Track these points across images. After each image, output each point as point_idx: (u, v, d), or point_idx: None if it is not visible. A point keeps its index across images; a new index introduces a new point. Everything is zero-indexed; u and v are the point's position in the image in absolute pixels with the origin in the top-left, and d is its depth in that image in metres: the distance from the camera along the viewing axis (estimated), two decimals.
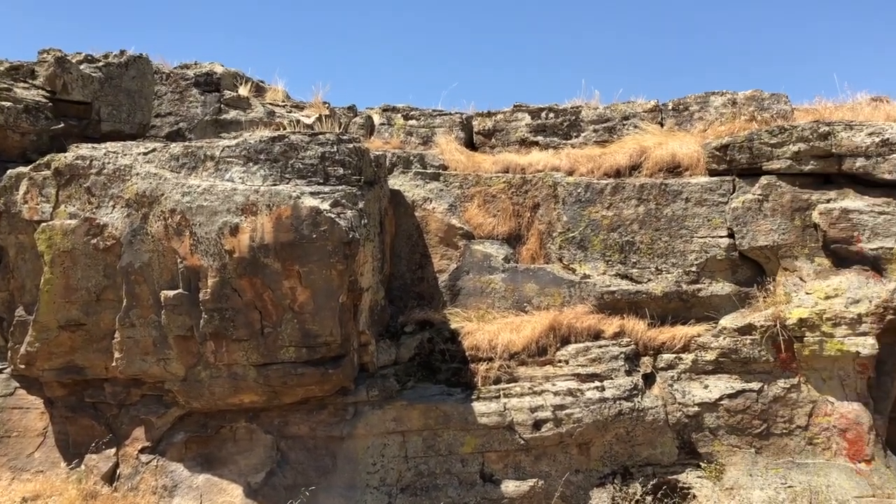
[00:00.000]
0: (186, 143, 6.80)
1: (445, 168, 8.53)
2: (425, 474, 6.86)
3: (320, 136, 6.68)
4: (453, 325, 7.58)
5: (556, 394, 6.99)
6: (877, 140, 7.12)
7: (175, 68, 9.60)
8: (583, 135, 8.77)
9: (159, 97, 9.20)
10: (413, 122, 9.31)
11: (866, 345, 6.82)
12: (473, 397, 7.01)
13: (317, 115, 9.05)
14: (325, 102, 9.80)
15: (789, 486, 6.82)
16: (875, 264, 7.05)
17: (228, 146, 6.55)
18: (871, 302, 6.89)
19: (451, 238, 8.07)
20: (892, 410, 7.25)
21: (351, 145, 6.75)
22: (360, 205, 6.43)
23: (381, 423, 6.86)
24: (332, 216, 6.06)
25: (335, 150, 6.59)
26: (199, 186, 6.31)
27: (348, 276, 6.30)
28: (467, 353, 7.34)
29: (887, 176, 7.07)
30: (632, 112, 8.70)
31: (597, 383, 7.07)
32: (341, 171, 6.54)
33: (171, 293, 6.36)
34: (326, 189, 6.32)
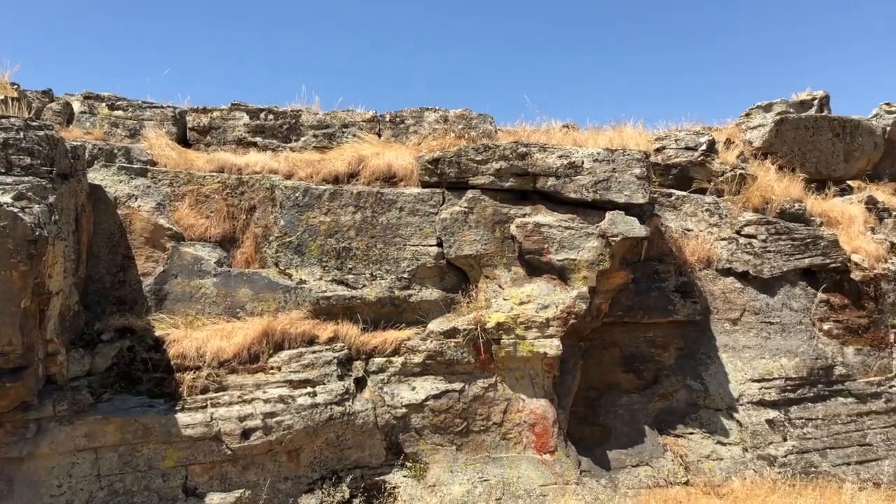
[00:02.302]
0: None
1: (154, 164, 8.85)
2: (121, 493, 7.11)
3: (3, 121, 6.69)
4: (158, 333, 7.90)
5: (266, 401, 7.68)
6: (565, 162, 8.88)
7: None
8: (303, 139, 9.67)
9: None
10: (120, 112, 9.46)
11: (553, 346, 8.43)
12: (178, 408, 7.42)
13: (1, 98, 8.83)
14: (13, 84, 9.52)
15: (485, 480, 8.20)
16: (561, 273, 8.76)
17: None
18: (557, 307, 8.55)
19: (158, 239, 8.42)
20: (572, 405, 9.07)
21: (42, 133, 6.84)
22: (51, 199, 6.56)
23: (69, 440, 6.95)
24: (15, 210, 6.04)
25: (21, 136, 6.65)
26: None
27: (33, 279, 6.26)
28: (173, 362, 7.71)
29: (573, 195, 8.84)
30: (351, 121, 9.80)
31: (309, 389, 7.88)
32: (28, 160, 6.63)
33: None
34: (9, 180, 6.36)
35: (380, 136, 9.99)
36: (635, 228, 8.62)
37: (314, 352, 8.13)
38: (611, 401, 9.39)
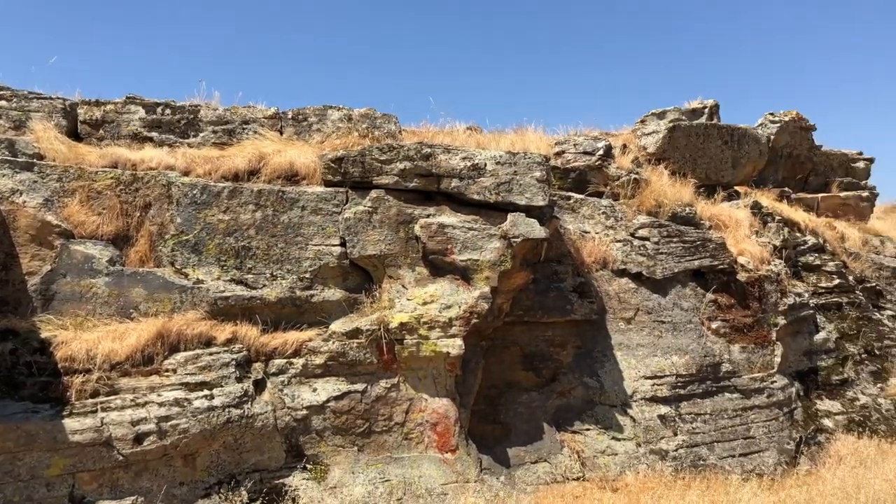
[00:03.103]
0: None
1: (42, 158, 8.42)
2: None
3: None
4: (44, 335, 7.53)
5: (161, 405, 7.44)
6: (469, 164, 8.97)
7: None
8: (201, 135, 9.41)
9: None
10: (3, 102, 8.93)
11: (455, 346, 8.50)
12: (65, 413, 7.10)
13: None
14: None
15: (387, 480, 8.20)
16: (464, 274, 8.85)
17: None
18: (460, 307, 8.62)
19: (45, 237, 8.02)
20: (474, 403, 9.19)
21: None
22: None
23: None
24: None
25: None
26: None
27: None
28: (60, 366, 7.36)
29: (476, 196, 8.95)
30: (252, 117, 9.61)
31: (206, 392, 7.69)
32: None
33: None
34: None
35: (282, 133, 9.83)
36: (536, 230, 8.80)
37: (211, 353, 7.94)
38: (511, 399, 9.56)
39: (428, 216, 8.84)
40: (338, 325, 8.47)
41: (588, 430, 9.53)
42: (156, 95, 9.63)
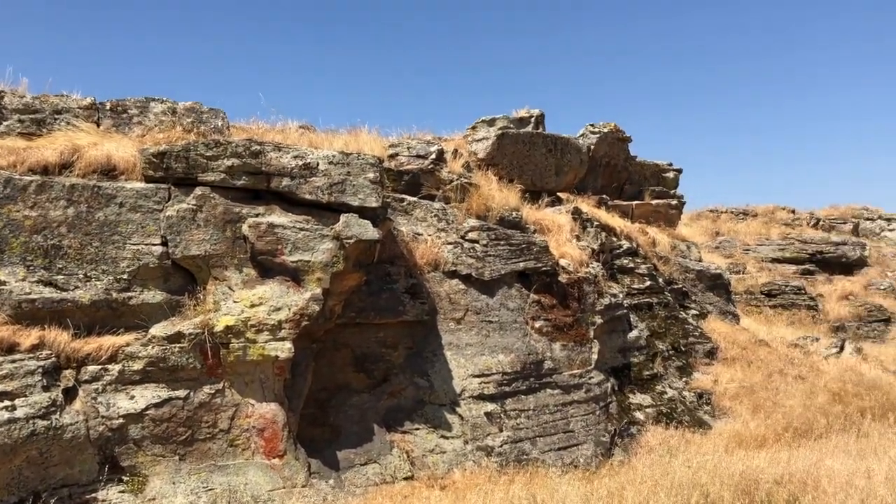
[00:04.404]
0: None
1: None
2: None
3: None
4: None
5: None
6: (301, 163, 8.82)
7: None
8: (5, 123, 8.56)
9: None
10: None
11: (284, 349, 8.32)
12: None
13: None
14: None
15: (210, 489, 7.87)
16: (295, 275, 8.68)
17: None
18: (290, 309, 8.45)
19: None
20: (303, 407, 9.05)
21: None
22: None
23: None
24: None
25: None
26: None
27: None
28: None
29: (308, 196, 8.81)
30: (65, 107, 8.91)
31: (7, 402, 7.02)
32: None
33: None
34: None
35: (99, 125, 9.18)
36: (369, 231, 8.81)
37: (14, 361, 7.31)
38: (342, 401, 9.51)
39: (257, 215, 8.61)
40: (158, 329, 8.06)
41: (418, 429, 9.64)
42: None
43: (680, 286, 17.26)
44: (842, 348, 18.66)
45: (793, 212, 32.91)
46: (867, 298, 24.55)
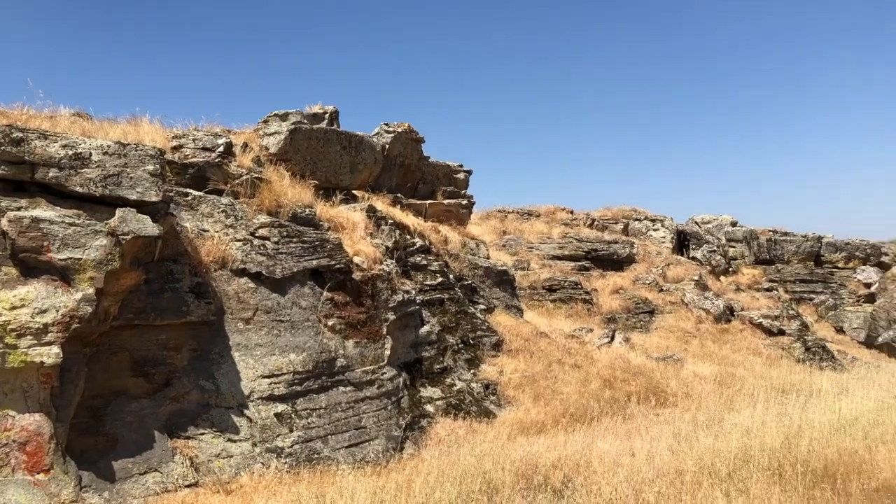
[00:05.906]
0: None
1: None
2: None
3: None
4: None
5: None
6: (71, 153, 8.12)
7: None
8: None
9: None
10: None
11: (51, 354, 7.62)
12: None
13: None
14: None
15: None
16: (64, 274, 7.98)
17: None
18: (58, 311, 7.76)
19: None
20: (74, 416, 8.37)
21: None
22: None
23: None
24: None
25: None
26: None
27: None
28: None
29: (79, 189, 8.14)
30: None
31: None
32: None
33: None
34: None
35: None
36: (148, 227, 8.33)
37: None
38: (119, 408, 8.89)
39: (19, 209, 7.86)
40: None
41: (203, 434, 9.25)
42: None
43: (469, 282, 17.95)
44: (612, 338, 20.34)
45: (571, 212, 35.33)
46: (635, 292, 26.87)
